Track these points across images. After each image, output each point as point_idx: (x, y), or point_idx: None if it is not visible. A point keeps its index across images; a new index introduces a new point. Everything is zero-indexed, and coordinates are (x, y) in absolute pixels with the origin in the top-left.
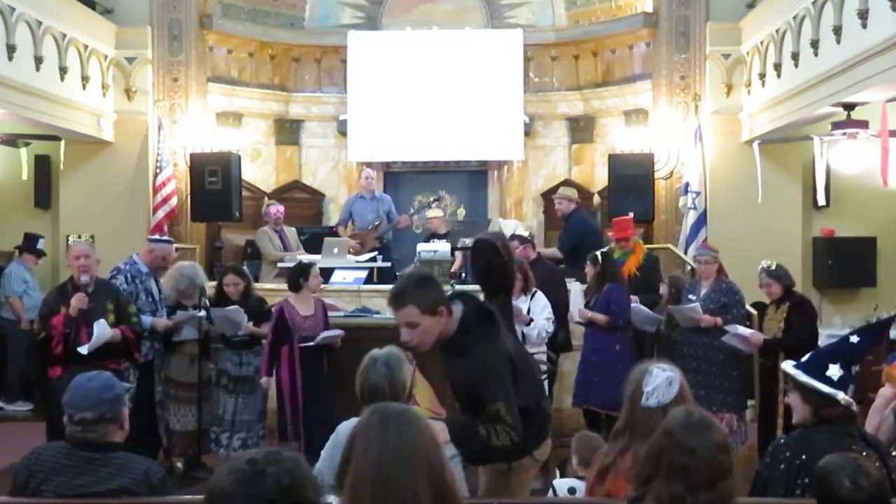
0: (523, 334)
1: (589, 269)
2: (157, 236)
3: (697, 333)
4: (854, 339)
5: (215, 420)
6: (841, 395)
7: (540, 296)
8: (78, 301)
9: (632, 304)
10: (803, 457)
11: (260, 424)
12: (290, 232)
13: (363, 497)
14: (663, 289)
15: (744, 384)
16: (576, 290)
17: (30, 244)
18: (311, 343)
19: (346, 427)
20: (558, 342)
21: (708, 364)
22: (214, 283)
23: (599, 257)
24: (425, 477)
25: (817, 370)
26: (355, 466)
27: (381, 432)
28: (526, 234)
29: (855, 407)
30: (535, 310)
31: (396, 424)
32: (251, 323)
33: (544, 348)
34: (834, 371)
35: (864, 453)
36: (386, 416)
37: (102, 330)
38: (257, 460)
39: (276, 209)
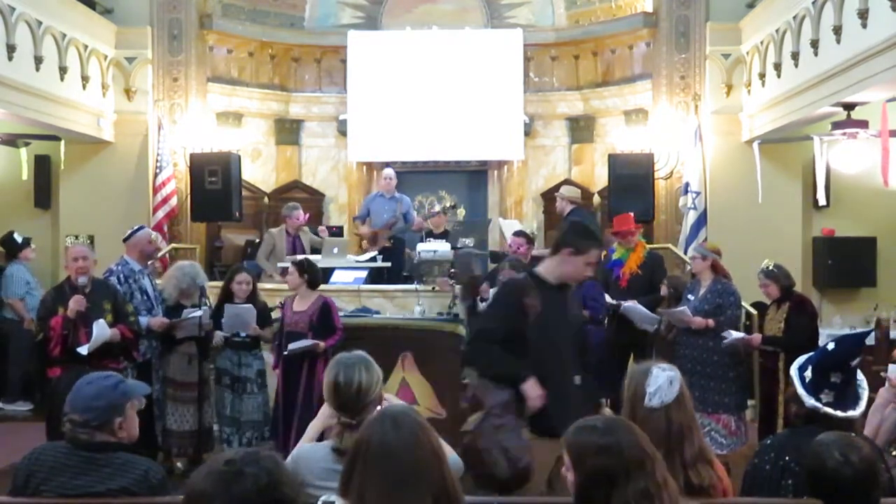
0: None
1: None
2: (127, 233)
3: (693, 335)
4: (830, 346)
5: (223, 420)
6: (802, 394)
7: None
8: (76, 303)
9: (628, 304)
10: (786, 458)
11: (265, 424)
12: (306, 238)
13: (370, 500)
14: (664, 290)
15: (742, 385)
16: None
17: (13, 245)
18: (286, 352)
19: (303, 452)
20: None
21: (703, 366)
22: (219, 283)
23: None
24: (428, 485)
25: (802, 370)
26: (362, 472)
27: (384, 436)
28: (531, 231)
29: (843, 414)
30: None
31: (402, 429)
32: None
33: None
34: (808, 373)
35: None
36: (388, 424)
37: (101, 330)
38: (235, 461)
39: (303, 216)
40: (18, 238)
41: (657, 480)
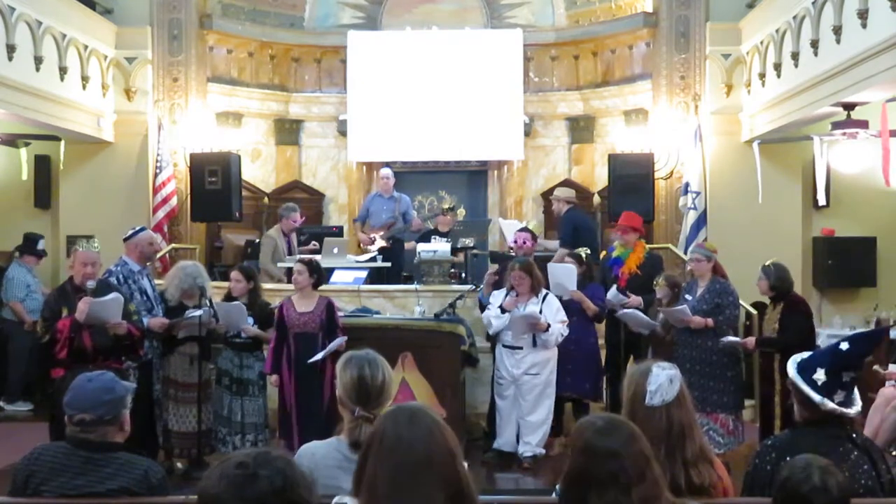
0: (535, 338)
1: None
2: (129, 232)
3: (691, 335)
4: (844, 346)
5: (221, 421)
6: (818, 399)
7: (552, 298)
8: (86, 304)
9: (626, 310)
10: (787, 458)
11: (266, 427)
12: (293, 237)
13: (379, 499)
14: (661, 292)
15: (739, 385)
16: (569, 270)
17: (30, 246)
18: (317, 359)
19: (307, 450)
20: None
21: (702, 365)
22: (219, 283)
23: (584, 257)
24: (441, 481)
25: (808, 372)
26: (374, 465)
27: (399, 430)
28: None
29: (853, 412)
30: (549, 313)
31: (417, 424)
32: (255, 326)
33: (556, 351)
34: (819, 375)
35: (852, 455)
36: (403, 419)
37: (117, 297)
38: (248, 463)
39: (298, 218)
40: (40, 245)
41: (631, 499)
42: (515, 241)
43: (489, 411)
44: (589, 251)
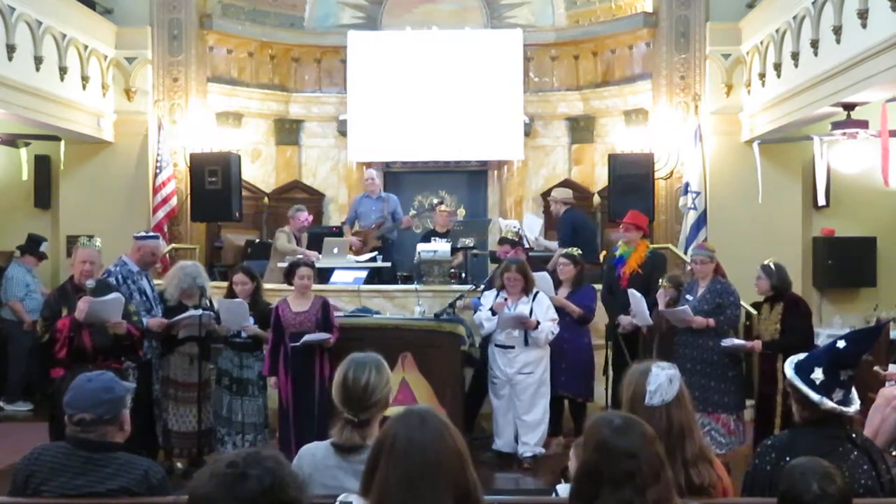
0: (527, 337)
1: (569, 268)
2: (142, 233)
3: (693, 335)
4: (841, 344)
5: (221, 421)
6: (816, 397)
7: (542, 297)
8: (86, 303)
9: (635, 292)
10: (787, 458)
11: (266, 427)
12: (304, 238)
13: (390, 501)
14: (667, 293)
15: (740, 385)
16: (545, 278)
17: (32, 246)
18: (297, 344)
19: (307, 451)
20: None
21: (703, 365)
22: (218, 283)
23: (578, 258)
24: (450, 483)
25: (805, 372)
26: (385, 467)
27: (411, 432)
28: (513, 234)
29: (852, 410)
30: (539, 311)
31: (428, 427)
32: (256, 325)
33: (548, 349)
34: (817, 375)
35: (852, 455)
36: (414, 421)
37: (118, 297)
38: (237, 463)
39: (306, 216)
40: (43, 247)
41: (646, 499)
42: (500, 255)
43: (468, 394)
44: (581, 251)
